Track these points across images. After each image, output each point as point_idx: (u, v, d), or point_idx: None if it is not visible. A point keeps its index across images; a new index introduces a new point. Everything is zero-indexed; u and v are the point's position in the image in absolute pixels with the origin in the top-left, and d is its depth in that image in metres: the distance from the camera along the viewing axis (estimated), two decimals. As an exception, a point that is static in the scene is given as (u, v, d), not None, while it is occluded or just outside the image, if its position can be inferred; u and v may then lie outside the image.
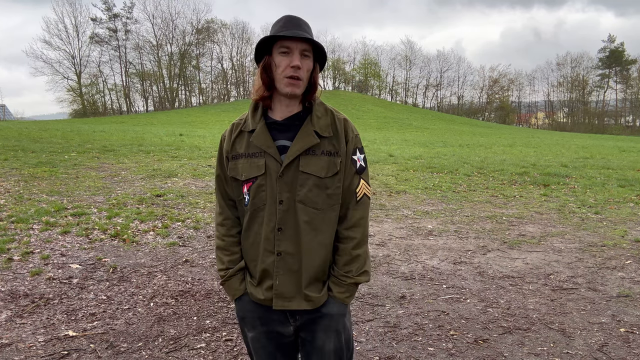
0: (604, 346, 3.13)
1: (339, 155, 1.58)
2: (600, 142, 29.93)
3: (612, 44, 69.57)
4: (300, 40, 1.50)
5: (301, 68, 1.50)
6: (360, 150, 1.64)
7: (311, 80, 1.57)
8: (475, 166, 12.59)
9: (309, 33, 1.55)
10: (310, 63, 1.55)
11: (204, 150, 14.10)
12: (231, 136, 1.65)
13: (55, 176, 8.61)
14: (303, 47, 1.51)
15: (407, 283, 4.27)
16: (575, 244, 5.65)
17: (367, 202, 1.64)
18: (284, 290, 1.57)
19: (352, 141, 1.61)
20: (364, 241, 1.62)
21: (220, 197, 1.71)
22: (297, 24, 1.53)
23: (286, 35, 1.48)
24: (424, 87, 75.36)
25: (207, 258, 4.82)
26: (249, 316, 1.66)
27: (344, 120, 1.63)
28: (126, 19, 62.88)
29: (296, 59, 1.50)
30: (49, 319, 3.36)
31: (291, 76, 1.50)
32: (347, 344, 1.68)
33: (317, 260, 1.58)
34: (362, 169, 1.63)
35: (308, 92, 1.58)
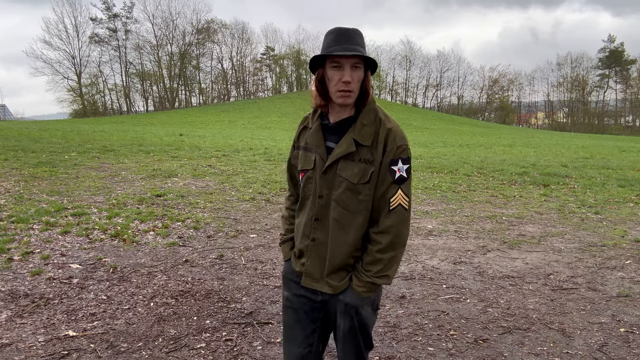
0: (604, 346, 3.13)
1: (373, 164, 1.67)
2: (600, 142, 29.94)
3: (612, 44, 69.63)
4: (350, 55, 1.59)
5: (352, 82, 1.61)
6: (404, 160, 1.69)
7: (362, 88, 1.67)
8: (475, 166, 12.59)
9: (360, 44, 1.64)
10: (361, 73, 1.64)
11: (204, 150, 14.11)
12: (299, 128, 1.88)
13: (55, 176, 8.61)
14: (353, 61, 1.61)
15: (407, 283, 4.27)
16: (575, 244, 5.65)
17: (402, 212, 1.69)
18: (312, 272, 1.77)
19: (392, 152, 1.67)
20: (391, 247, 1.69)
21: (289, 176, 2.00)
22: (348, 37, 1.62)
23: (334, 54, 1.59)
24: (424, 87, 75.47)
25: (207, 258, 4.82)
26: (288, 278, 1.89)
27: (388, 130, 1.68)
28: (126, 19, 62.95)
29: (347, 74, 1.61)
30: (49, 319, 3.37)
31: (343, 89, 1.62)
32: (362, 330, 1.79)
33: (340, 256, 1.73)
34: (402, 179, 1.69)
35: (360, 98, 1.69)
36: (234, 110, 50.36)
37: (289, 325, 1.89)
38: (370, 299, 1.77)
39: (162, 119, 43.33)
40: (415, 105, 73.84)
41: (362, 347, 1.83)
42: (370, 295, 1.75)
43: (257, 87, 74.74)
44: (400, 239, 1.71)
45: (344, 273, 1.75)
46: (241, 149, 15.25)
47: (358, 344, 1.82)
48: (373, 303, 1.80)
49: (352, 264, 1.75)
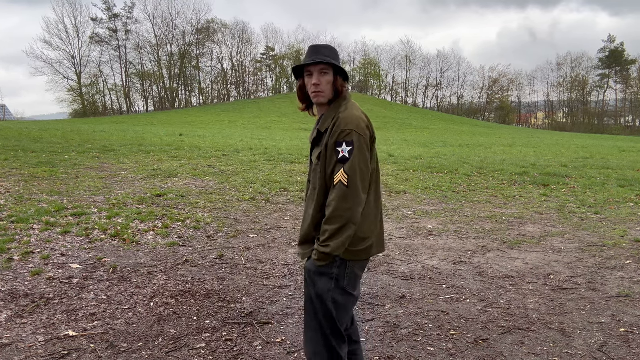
0: (604, 346, 3.13)
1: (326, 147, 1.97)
2: (600, 142, 29.93)
3: (612, 44, 69.62)
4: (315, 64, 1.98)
5: (320, 84, 1.99)
6: (347, 143, 1.91)
7: (335, 89, 2.02)
8: (475, 166, 12.59)
9: (328, 55, 2.00)
10: (330, 77, 2.00)
11: (204, 150, 14.10)
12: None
13: (55, 176, 8.61)
14: (320, 67, 1.99)
15: (407, 283, 4.27)
16: (575, 244, 5.65)
17: (341, 188, 1.89)
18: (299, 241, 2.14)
19: (336, 134, 1.92)
20: (331, 220, 1.90)
21: None
22: (317, 51, 2.01)
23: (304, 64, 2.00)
24: (424, 87, 75.44)
25: (207, 258, 4.82)
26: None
27: (338, 117, 1.97)
28: (126, 19, 62.95)
29: (315, 78, 1.99)
30: (49, 319, 3.37)
31: (314, 91, 2.00)
32: (319, 301, 1.99)
33: (306, 226, 2.06)
34: (345, 159, 1.90)
35: (334, 97, 2.04)
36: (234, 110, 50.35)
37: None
38: (330, 271, 1.97)
39: (162, 119, 43.33)
40: (415, 105, 73.81)
41: (321, 321, 2.00)
42: (321, 264, 1.95)
43: (257, 87, 74.80)
44: (338, 212, 1.88)
45: (310, 243, 2.05)
46: (241, 149, 15.25)
47: (316, 316, 2.00)
48: (335, 279, 1.97)
49: (314, 235, 2.03)
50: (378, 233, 2.08)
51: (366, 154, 1.93)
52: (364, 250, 2.01)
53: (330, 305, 1.97)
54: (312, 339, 2.04)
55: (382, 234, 2.12)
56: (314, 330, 2.02)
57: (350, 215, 1.88)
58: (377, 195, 2.08)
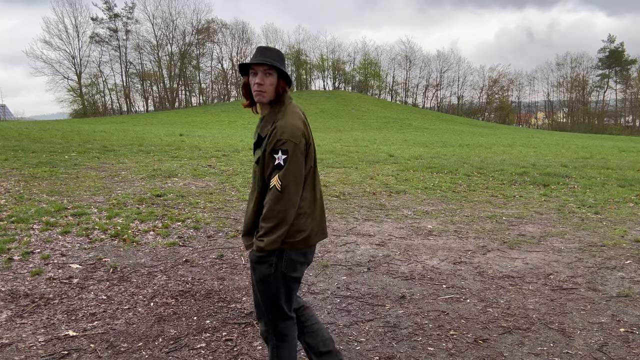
0: (604, 346, 3.13)
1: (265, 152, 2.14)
2: (600, 142, 29.93)
3: (612, 44, 69.62)
4: (260, 64, 2.10)
5: (263, 84, 2.10)
6: (283, 151, 2.05)
7: (276, 91, 2.15)
8: (475, 166, 12.59)
9: (273, 58, 2.12)
10: (274, 79, 2.13)
11: (204, 151, 14.10)
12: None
13: (55, 176, 8.61)
14: (264, 68, 2.10)
15: (407, 283, 4.27)
16: (575, 244, 5.65)
17: (275, 192, 2.06)
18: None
19: (273, 142, 2.06)
20: (266, 218, 2.08)
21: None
22: (263, 52, 2.13)
23: (250, 63, 2.12)
24: (424, 87, 75.35)
25: (207, 258, 4.82)
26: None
27: (275, 126, 2.10)
28: (127, 19, 62.93)
29: (258, 78, 2.10)
30: (49, 319, 3.37)
31: (256, 90, 2.12)
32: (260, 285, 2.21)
33: (247, 220, 2.28)
34: (280, 166, 2.06)
35: (276, 99, 2.17)
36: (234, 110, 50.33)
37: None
38: (269, 259, 2.15)
39: (162, 119, 43.32)
40: (415, 105, 73.78)
41: (266, 302, 2.23)
42: (259, 254, 2.13)
43: (257, 87, 74.60)
44: (272, 213, 2.06)
45: (251, 235, 2.25)
46: (241, 149, 15.25)
47: (261, 297, 2.23)
48: (275, 265, 2.16)
49: (253, 228, 2.24)
50: (317, 224, 2.26)
51: (300, 160, 2.09)
52: (301, 241, 2.19)
53: (272, 287, 2.20)
54: (262, 318, 2.30)
55: (322, 223, 2.31)
56: (262, 310, 2.27)
57: (282, 216, 2.06)
58: (315, 191, 2.25)
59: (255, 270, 2.21)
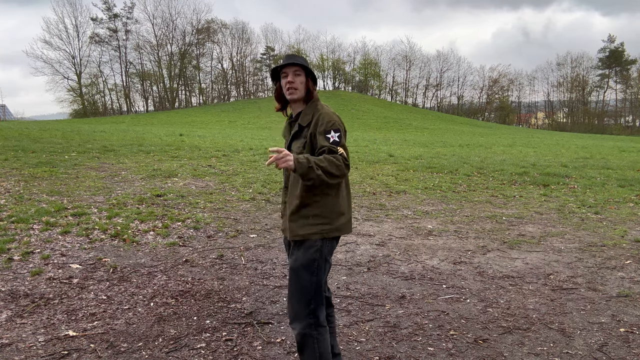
0: (604, 346, 3.13)
1: (310, 138, 2.30)
2: (600, 142, 29.93)
3: (612, 44, 69.60)
4: (290, 65, 2.35)
5: (294, 82, 2.33)
6: (335, 130, 2.24)
7: (307, 89, 2.38)
8: (475, 166, 12.59)
9: (300, 61, 2.36)
10: (303, 78, 2.36)
11: (204, 151, 14.10)
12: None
13: (55, 176, 8.61)
14: (293, 68, 2.35)
15: (407, 283, 4.27)
16: (575, 244, 5.65)
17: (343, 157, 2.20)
18: (284, 227, 2.44)
19: (323, 125, 2.25)
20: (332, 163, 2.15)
21: None
22: (291, 57, 2.37)
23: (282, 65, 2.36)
24: (424, 87, 75.34)
25: (207, 258, 4.82)
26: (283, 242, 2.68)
27: (320, 114, 2.31)
28: (126, 19, 62.93)
29: (289, 77, 2.34)
30: (49, 319, 3.37)
31: (288, 88, 2.34)
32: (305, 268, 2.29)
33: (293, 205, 2.32)
34: (337, 142, 2.23)
35: (307, 96, 2.39)
36: (234, 110, 50.34)
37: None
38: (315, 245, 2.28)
39: (162, 119, 43.32)
40: (415, 105, 73.76)
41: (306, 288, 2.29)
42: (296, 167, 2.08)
43: (257, 87, 74.71)
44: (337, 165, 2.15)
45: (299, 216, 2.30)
46: (241, 149, 15.25)
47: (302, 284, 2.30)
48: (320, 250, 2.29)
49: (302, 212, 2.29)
50: (349, 215, 2.42)
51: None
52: (342, 226, 2.35)
53: (315, 272, 2.29)
54: (295, 306, 2.31)
55: (351, 217, 2.46)
56: (298, 297, 2.30)
57: (341, 175, 2.18)
58: (347, 184, 2.44)
59: (299, 257, 2.29)
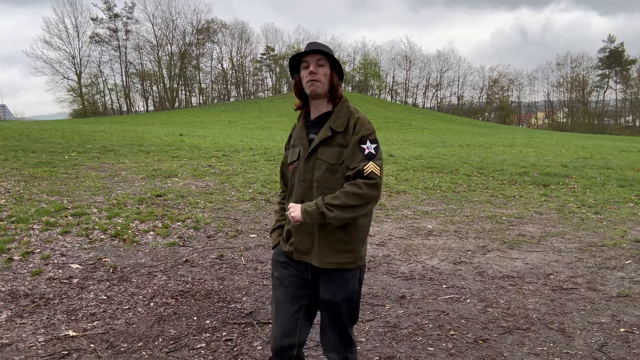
0: (604, 346, 3.13)
1: (347, 147, 1.95)
2: (600, 142, 29.93)
3: (612, 44, 69.61)
4: (314, 53, 1.96)
5: (317, 73, 1.95)
6: (371, 141, 1.94)
7: (332, 84, 2.00)
8: (475, 166, 12.59)
9: (324, 48, 1.97)
10: (327, 70, 1.98)
11: (204, 151, 14.10)
12: (291, 132, 2.19)
13: (55, 176, 8.61)
14: (317, 57, 1.97)
15: (407, 283, 4.27)
16: (575, 244, 5.65)
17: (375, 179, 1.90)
18: (301, 247, 2.02)
19: (359, 133, 1.93)
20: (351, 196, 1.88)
21: (281, 177, 2.28)
22: (314, 44, 2.00)
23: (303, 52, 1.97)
24: (424, 87, 75.36)
25: (207, 258, 4.82)
26: (279, 260, 2.13)
27: (357, 119, 1.98)
28: (126, 19, 62.96)
29: (312, 67, 1.95)
30: (49, 319, 3.37)
31: (310, 80, 1.95)
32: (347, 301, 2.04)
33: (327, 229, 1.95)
34: (372, 155, 1.92)
35: (332, 94, 2.01)
36: (234, 110, 50.34)
37: (280, 301, 2.07)
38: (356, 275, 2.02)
39: (162, 119, 43.32)
40: (415, 105, 73.78)
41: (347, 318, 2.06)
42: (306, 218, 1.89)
43: (257, 87, 74.76)
44: (362, 196, 1.87)
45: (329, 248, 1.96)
46: (241, 149, 15.24)
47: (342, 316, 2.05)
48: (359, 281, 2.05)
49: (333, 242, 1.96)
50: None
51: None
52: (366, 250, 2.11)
53: (355, 303, 2.07)
54: (334, 337, 2.08)
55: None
56: (338, 327, 2.07)
57: (367, 202, 1.89)
58: None
59: (337, 291, 1.99)
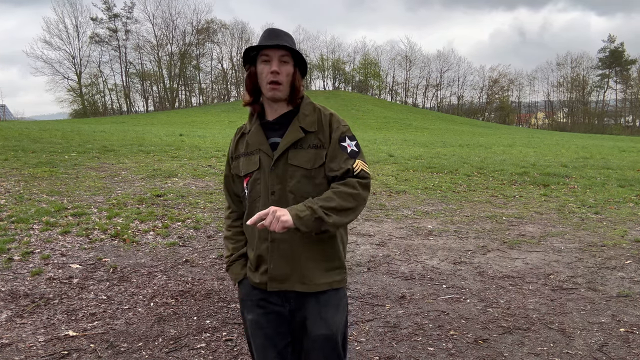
0: (604, 346, 3.13)
1: (324, 147, 1.68)
2: (600, 142, 29.93)
3: (612, 44, 69.63)
4: (278, 48, 1.64)
5: (280, 73, 1.64)
6: (350, 137, 1.71)
7: (293, 84, 1.68)
8: (475, 166, 12.59)
9: (289, 42, 1.67)
10: (290, 68, 1.67)
11: (204, 151, 14.10)
12: (235, 139, 1.84)
13: (55, 176, 8.61)
14: (280, 53, 1.65)
15: (407, 283, 4.27)
16: (575, 244, 5.65)
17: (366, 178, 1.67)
18: (278, 274, 1.68)
19: (338, 130, 1.70)
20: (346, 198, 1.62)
21: (227, 194, 1.91)
22: (277, 34, 1.67)
23: (264, 45, 1.64)
24: (424, 87, 75.37)
25: (207, 258, 4.82)
26: (250, 300, 1.77)
27: (330, 115, 1.73)
28: (126, 19, 62.95)
29: (274, 64, 1.64)
30: (49, 319, 3.37)
31: (271, 81, 1.64)
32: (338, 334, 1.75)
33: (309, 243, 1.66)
34: (355, 153, 1.69)
35: (292, 95, 1.70)
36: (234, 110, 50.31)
37: (262, 348, 1.75)
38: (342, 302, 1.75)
39: (162, 119, 43.32)
40: (415, 105, 73.78)
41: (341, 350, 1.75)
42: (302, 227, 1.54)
43: (257, 87, 74.65)
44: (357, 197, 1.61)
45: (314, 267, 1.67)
46: (241, 149, 15.23)
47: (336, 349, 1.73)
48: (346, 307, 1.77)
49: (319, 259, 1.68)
50: None
51: None
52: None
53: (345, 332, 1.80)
54: None
55: None
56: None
57: (362, 203, 1.65)
58: None
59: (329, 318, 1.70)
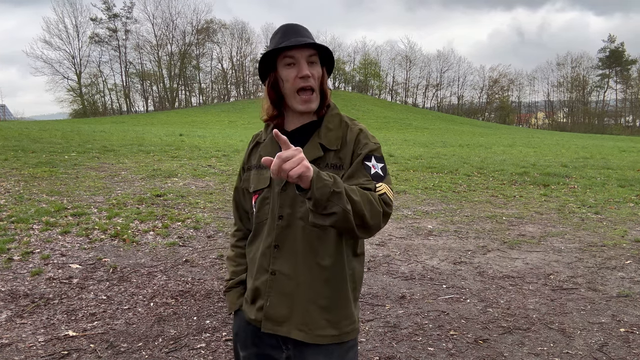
0: (604, 346, 3.13)
1: (342, 168, 1.39)
2: (600, 142, 29.93)
3: (612, 44, 69.64)
4: (304, 47, 1.36)
5: (311, 76, 1.37)
6: (378, 158, 1.40)
7: (322, 88, 1.43)
8: (475, 166, 12.59)
9: (311, 38, 1.41)
10: (319, 70, 1.42)
11: (204, 151, 14.10)
12: (249, 148, 1.58)
13: (55, 176, 8.61)
14: (308, 52, 1.38)
15: (407, 283, 4.27)
16: (575, 244, 5.65)
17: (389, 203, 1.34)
18: (274, 313, 1.40)
19: (366, 147, 1.40)
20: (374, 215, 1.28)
21: (235, 209, 1.64)
22: (296, 31, 1.39)
23: (288, 46, 1.35)
24: (424, 87, 75.40)
25: (207, 258, 4.82)
26: (243, 337, 1.51)
27: (359, 130, 1.44)
28: (126, 19, 62.99)
29: (304, 67, 1.36)
30: (49, 319, 3.37)
31: (302, 88, 1.37)
32: None
33: (317, 283, 1.38)
34: (379, 176, 1.36)
35: (321, 103, 1.44)
36: (234, 111, 50.32)
37: None
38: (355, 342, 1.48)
39: (162, 119, 43.32)
40: (415, 105, 73.79)
41: None
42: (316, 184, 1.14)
43: (257, 87, 74.65)
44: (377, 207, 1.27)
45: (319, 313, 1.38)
46: (241, 149, 15.24)
47: None
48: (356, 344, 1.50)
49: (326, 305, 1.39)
50: None
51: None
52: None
53: None
54: None
55: None
56: None
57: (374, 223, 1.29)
58: None
59: None
